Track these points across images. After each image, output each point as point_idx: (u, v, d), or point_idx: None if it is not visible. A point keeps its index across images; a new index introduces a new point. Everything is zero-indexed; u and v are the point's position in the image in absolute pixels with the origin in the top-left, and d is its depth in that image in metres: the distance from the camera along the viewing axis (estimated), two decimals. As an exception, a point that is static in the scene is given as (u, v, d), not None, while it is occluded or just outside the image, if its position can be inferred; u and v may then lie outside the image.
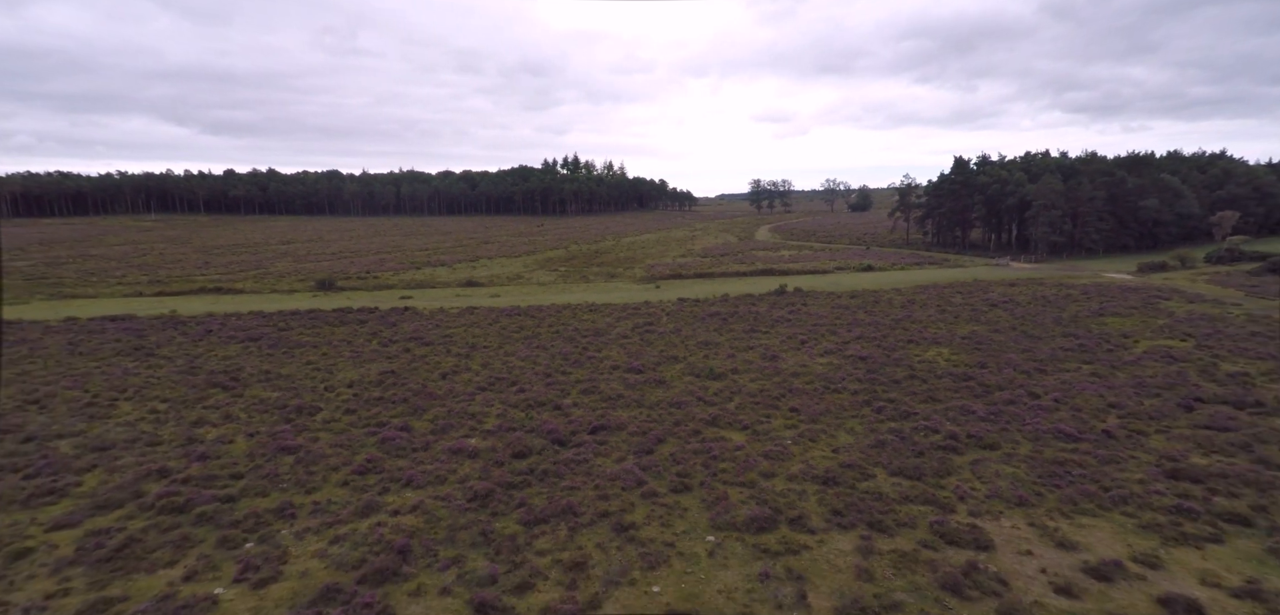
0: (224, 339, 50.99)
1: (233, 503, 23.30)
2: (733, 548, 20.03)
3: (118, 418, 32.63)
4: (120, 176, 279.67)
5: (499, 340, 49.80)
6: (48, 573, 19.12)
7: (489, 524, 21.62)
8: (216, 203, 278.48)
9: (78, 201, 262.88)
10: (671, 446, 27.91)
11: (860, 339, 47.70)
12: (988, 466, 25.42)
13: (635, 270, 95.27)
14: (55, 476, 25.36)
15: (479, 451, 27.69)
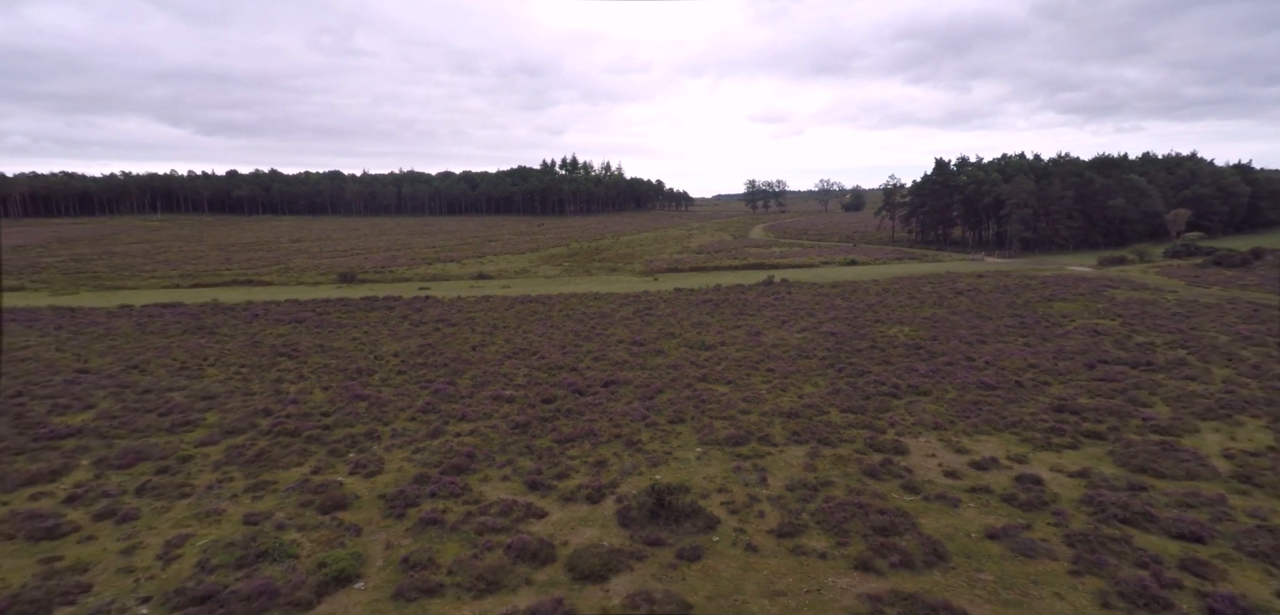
0: (272, 321, 57.84)
1: (329, 430, 30.26)
2: (715, 454, 27.09)
3: (210, 378, 39.55)
4: (125, 177, 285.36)
5: (516, 321, 56.79)
6: (211, 469, 26.09)
7: (530, 442, 28.64)
8: (220, 203, 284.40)
9: (84, 202, 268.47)
10: (669, 395, 34.96)
11: (834, 319, 54.89)
12: (918, 406, 32.59)
13: (635, 265, 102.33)
14: (183, 414, 32.30)
15: (514, 398, 34.71)
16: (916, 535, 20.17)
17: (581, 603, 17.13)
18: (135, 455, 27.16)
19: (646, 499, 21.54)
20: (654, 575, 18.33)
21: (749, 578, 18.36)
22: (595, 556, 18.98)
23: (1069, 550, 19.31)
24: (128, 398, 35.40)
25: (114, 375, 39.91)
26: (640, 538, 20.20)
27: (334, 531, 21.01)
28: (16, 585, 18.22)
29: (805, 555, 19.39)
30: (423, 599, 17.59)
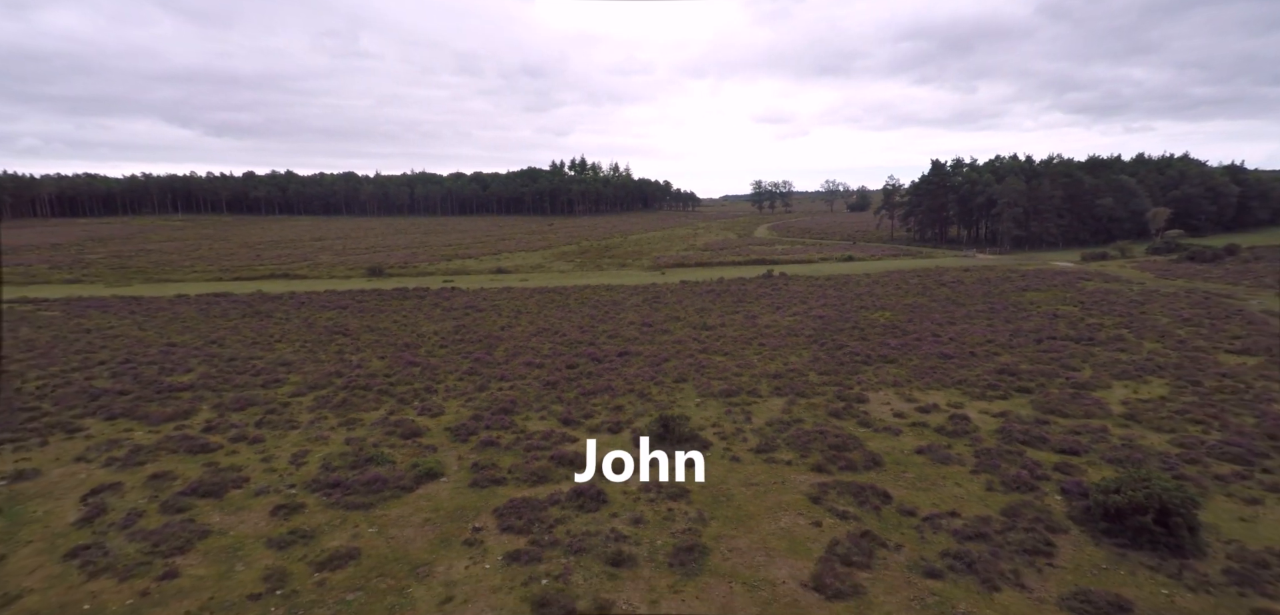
0: (318, 308, 64.86)
1: (393, 386, 37.02)
2: (711, 403, 33.57)
3: (281, 350, 46.48)
4: (146, 178, 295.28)
5: (537, 307, 63.49)
6: (307, 411, 32.90)
7: (559, 395, 35.24)
8: (238, 203, 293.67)
9: (107, 202, 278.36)
10: (673, 363, 41.48)
11: (823, 306, 61.20)
12: (883, 370, 38.96)
13: (643, 260, 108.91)
14: (270, 375, 39.19)
15: (542, 364, 41.36)
16: (862, 451, 26.60)
17: (609, 488, 23.66)
18: (244, 402, 34.05)
19: (655, 426, 28.10)
20: (658, 483, 24.82)
21: (732, 475, 24.87)
22: (616, 458, 25.51)
23: (974, 460, 25.69)
24: (217, 364, 42.36)
25: (198, 348, 46.94)
26: (649, 438, 26.70)
27: (416, 449, 27.70)
28: (194, 477, 25.02)
29: (775, 462, 25.88)
30: (492, 486, 24.22)
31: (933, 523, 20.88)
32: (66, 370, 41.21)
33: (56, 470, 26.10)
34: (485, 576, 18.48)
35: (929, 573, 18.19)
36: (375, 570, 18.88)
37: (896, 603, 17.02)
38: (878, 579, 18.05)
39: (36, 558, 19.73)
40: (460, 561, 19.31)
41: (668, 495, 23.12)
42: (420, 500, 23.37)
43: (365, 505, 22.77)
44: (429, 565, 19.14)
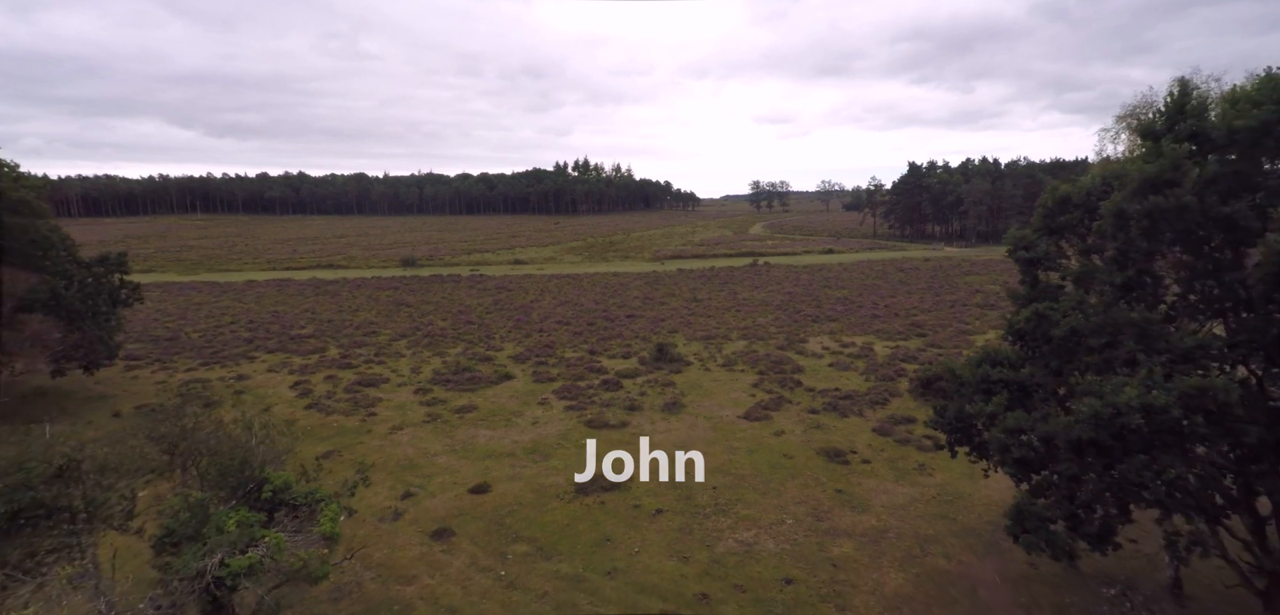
0: (374, 289, 78.60)
1: (461, 335, 50.72)
2: (694, 343, 47.23)
3: (364, 316, 60.22)
4: (164, 179, 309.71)
5: (556, 288, 77.21)
6: (405, 349, 46.61)
7: (585, 338, 48.91)
8: (253, 203, 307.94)
9: (128, 202, 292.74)
10: (669, 322, 55.15)
11: (794, 286, 74.89)
12: (824, 325, 52.61)
13: (645, 253, 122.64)
14: (363, 332, 52.89)
15: (568, 322, 55.08)
16: (792, 366, 40.26)
17: (624, 384, 37.32)
18: (357, 343, 47.82)
19: (653, 350, 41.84)
20: (657, 377, 38.50)
21: (703, 377, 38.54)
22: (629, 373, 39.24)
23: (865, 367, 39.34)
24: (321, 324, 56.12)
25: (299, 315, 60.75)
26: (650, 364, 40.47)
27: (491, 366, 41.42)
28: (353, 378, 38.71)
29: (733, 372, 39.54)
30: (547, 382, 37.92)
31: (822, 393, 34.56)
32: (211, 329, 55.07)
33: (258, 375, 39.91)
34: (553, 417, 32.19)
35: (810, 411, 31.91)
36: (489, 415, 32.60)
37: (787, 421, 30.69)
38: (781, 415, 31.72)
39: (284, 408, 33.50)
40: (537, 410, 33.05)
41: (662, 384, 36.87)
42: (502, 389, 37.11)
43: (470, 389, 36.56)
44: (519, 413, 32.86)
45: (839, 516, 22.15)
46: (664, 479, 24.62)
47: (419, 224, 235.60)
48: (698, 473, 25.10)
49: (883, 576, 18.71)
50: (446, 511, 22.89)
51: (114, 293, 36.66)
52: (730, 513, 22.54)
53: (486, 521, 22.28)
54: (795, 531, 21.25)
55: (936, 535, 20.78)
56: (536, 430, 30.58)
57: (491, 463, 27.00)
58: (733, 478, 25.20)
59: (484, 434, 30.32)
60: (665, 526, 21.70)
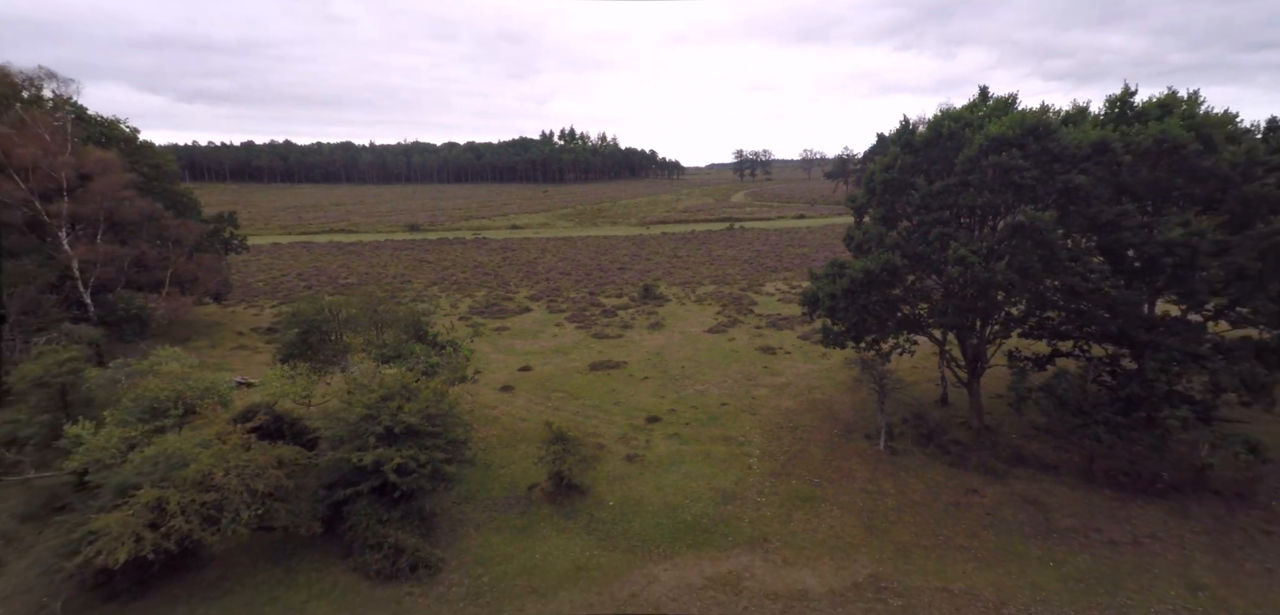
0: (390, 250, 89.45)
1: (481, 283, 62.42)
2: (674, 287, 59.47)
3: (393, 269, 71.43)
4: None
5: (555, 248, 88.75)
6: (440, 293, 58.27)
7: (584, 284, 60.90)
8: (241, 172, 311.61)
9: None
10: (654, 273, 67.26)
11: (763, 246, 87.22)
12: (780, 274, 65.11)
13: (631, 219, 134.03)
14: (400, 279, 64.29)
15: (570, 273, 66.96)
16: (748, 302, 52.68)
17: (619, 313, 49.47)
18: (397, 288, 59.32)
19: (641, 291, 54.04)
20: (644, 308, 50.68)
21: (680, 309, 50.85)
22: (622, 306, 51.41)
23: (803, 301, 51.93)
24: (359, 275, 67.30)
25: (336, 271, 71.79)
26: (638, 301, 52.67)
27: (514, 302, 53.26)
28: (407, 311, 50.46)
29: (703, 305, 51.88)
30: (559, 312, 49.94)
31: (768, 317, 47.05)
32: (271, 280, 66.03)
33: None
34: (568, 333, 44.31)
35: (756, 328, 44.41)
36: (520, 333, 44.63)
37: (739, 333, 43.13)
38: (735, 330, 44.15)
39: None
40: (554, 329, 45.16)
41: (648, 313, 49.13)
42: (525, 317, 49.11)
43: (501, 317, 48.51)
44: (541, 331, 44.94)
45: (762, 379, 34.68)
46: (648, 365, 37.03)
47: (410, 193, 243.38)
48: (671, 361, 37.54)
49: (781, 402, 31.29)
50: (505, 379, 35.05)
51: (227, 242, 47.66)
52: (692, 379, 34.97)
53: (532, 384, 34.50)
54: (732, 386, 33.75)
55: (819, 385, 33.40)
56: (557, 340, 42.73)
57: (529, 356, 39.17)
58: (695, 363, 37.61)
59: (519, 343, 42.41)
60: (649, 385, 34.08)
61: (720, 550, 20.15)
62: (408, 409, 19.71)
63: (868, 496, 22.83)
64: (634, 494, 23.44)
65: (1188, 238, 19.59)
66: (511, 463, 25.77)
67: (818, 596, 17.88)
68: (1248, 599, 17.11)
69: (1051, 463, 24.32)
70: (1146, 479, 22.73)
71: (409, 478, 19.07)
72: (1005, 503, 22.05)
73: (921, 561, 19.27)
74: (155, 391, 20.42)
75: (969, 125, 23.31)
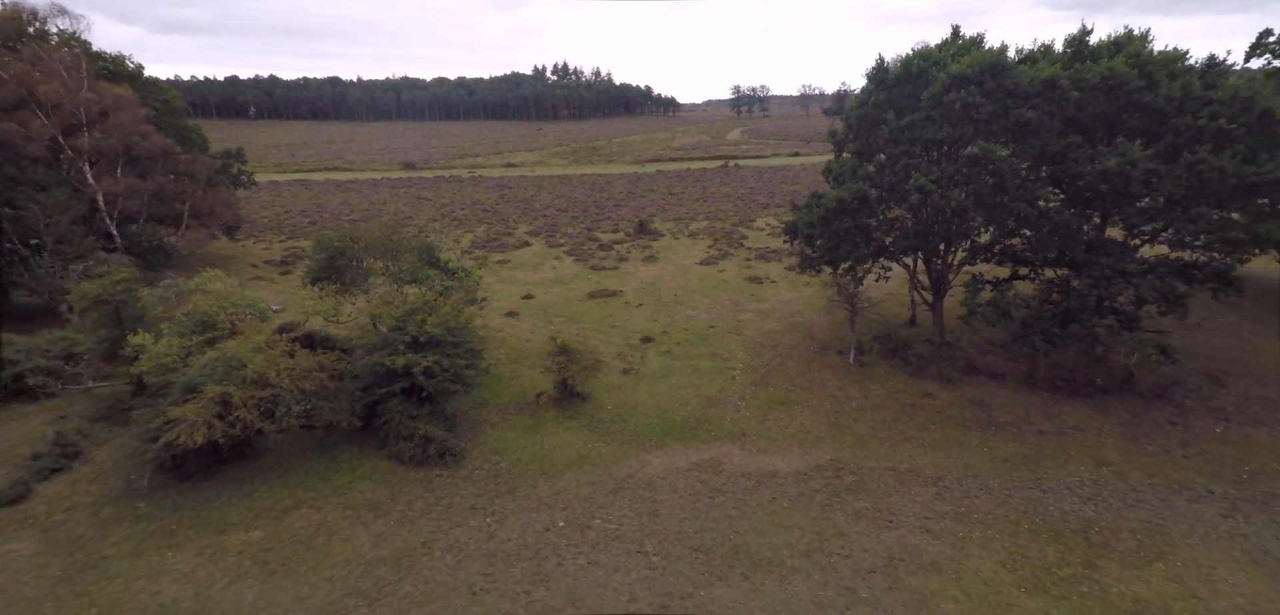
0: (389, 188, 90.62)
1: (481, 219, 64.42)
2: (668, 222, 61.70)
3: (393, 206, 73.12)
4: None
5: (551, 186, 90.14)
6: (442, 228, 60.40)
7: (581, 220, 63.01)
8: (226, 108, 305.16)
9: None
10: (649, 209, 69.26)
11: (757, 183, 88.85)
12: (771, 210, 67.26)
13: (626, 157, 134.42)
14: (403, 216, 66.21)
15: (566, 210, 68.88)
16: (739, 236, 55.09)
17: (615, 247, 51.89)
18: (400, 225, 61.30)
19: (636, 226, 56.30)
20: (639, 243, 53.08)
21: (673, 243, 53.30)
22: (618, 240, 53.75)
23: (791, 235, 54.41)
24: (360, 213, 69.05)
25: (338, 208, 73.40)
26: (633, 236, 55.03)
27: (513, 237, 55.54)
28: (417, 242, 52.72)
29: (695, 239, 54.32)
30: (558, 247, 52.35)
31: (757, 250, 49.61)
32: (275, 216, 67.77)
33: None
34: (567, 265, 46.84)
35: (745, 260, 47.03)
36: (521, 266, 47.12)
37: (729, 265, 45.80)
38: (725, 262, 46.78)
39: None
40: (554, 262, 47.67)
41: (642, 246, 51.60)
42: (525, 251, 51.51)
43: (502, 251, 50.91)
44: (541, 263, 47.46)
45: (748, 305, 37.57)
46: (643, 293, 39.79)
47: (402, 130, 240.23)
48: (664, 290, 40.31)
49: (764, 325, 34.28)
50: (510, 306, 37.82)
51: (236, 178, 49.36)
52: (683, 306, 37.82)
53: (536, 310, 37.31)
54: (721, 311, 36.65)
55: (801, 310, 36.34)
56: (556, 272, 45.33)
57: (531, 287, 41.85)
58: (686, 292, 40.40)
59: (520, 274, 45.01)
60: (643, 311, 36.95)
61: (704, 442, 23.40)
62: (431, 322, 22.47)
63: (835, 400, 26.04)
64: (630, 400, 26.57)
65: (1122, 167, 22.06)
66: (520, 376, 28.79)
67: (785, 475, 21.20)
68: (1143, 472, 20.51)
69: (1000, 372, 27.51)
70: (1081, 384, 25.96)
71: (434, 381, 22.01)
72: (954, 404, 25.30)
73: (876, 449, 22.58)
74: (205, 308, 23.05)
75: (936, 64, 25.30)
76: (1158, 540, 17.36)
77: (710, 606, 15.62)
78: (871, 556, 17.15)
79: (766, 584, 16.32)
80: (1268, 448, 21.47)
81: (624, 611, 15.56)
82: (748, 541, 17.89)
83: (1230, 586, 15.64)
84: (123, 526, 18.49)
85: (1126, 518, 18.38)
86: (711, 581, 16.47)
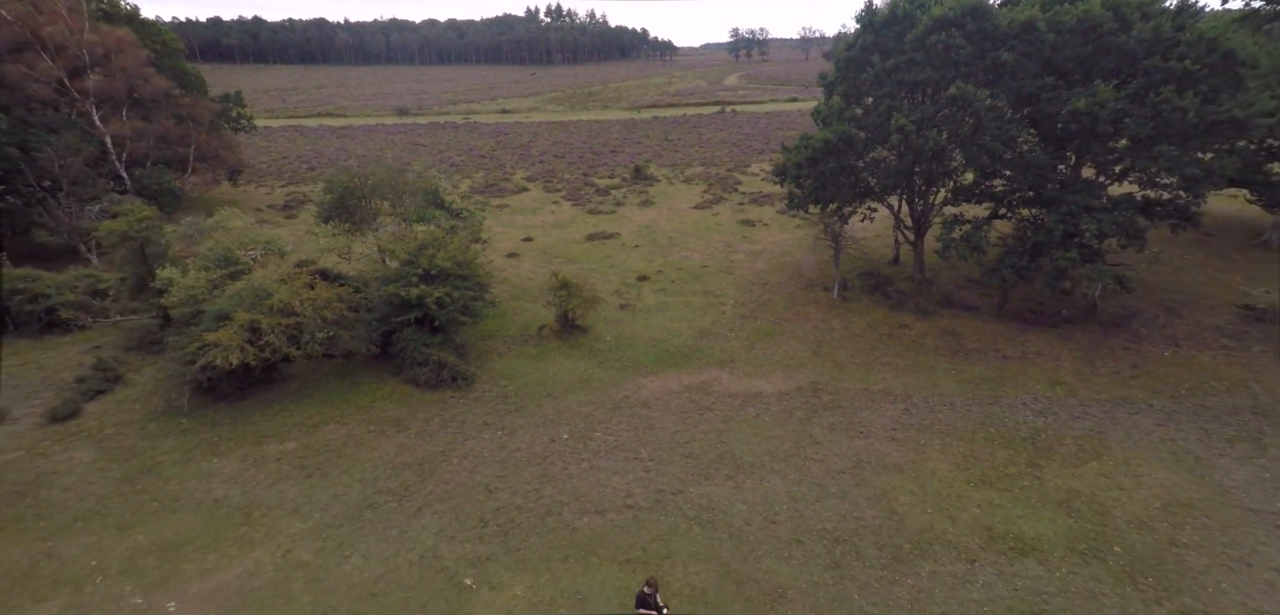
0: (385, 134, 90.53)
1: (479, 165, 65.15)
2: (664, 168, 62.62)
3: (388, 152, 73.55)
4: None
5: (547, 132, 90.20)
6: (441, 173, 61.27)
7: (577, 166, 63.82)
8: (210, 51, 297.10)
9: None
10: (645, 155, 69.95)
11: (753, 129, 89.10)
12: (765, 155, 68.10)
13: (622, 103, 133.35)
14: (402, 161, 66.89)
15: (563, 155, 69.55)
16: (734, 181, 56.21)
17: (612, 192, 53.04)
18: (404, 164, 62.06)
19: (632, 171, 57.29)
20: (636, 188, 54.20)
21: (669, 188, 54.45)
22: (614, 185, 54.83)
23: (784, 180, 55.60)
24: (358, 158, 69.53)
25: (335, 153, 73.78)
26: (630, 181, 56.09)
27: (511, 183, 56.53)
28: (411, 190, 53.73)
29: (690, 184, 55.45)
30: (556, 191, 53.47)
31: (750, 194, 50.89)
32: (272, 162, 68.26)
33: (339, 189, 54.56)
34: (564, 210, 48.13)
35: (739, 204, 48.37)
36: (520, 210, 48.38)
37: (722, 209, 47.17)
38: (719, 206, 48.12)
39: (375, 206, 48.78)
40: (552, 207, 48.93)
41: (639, 191, 52.79)
42: (523, 196, 52.65)
43: (500, 196, 52.06)
44: (540, 208, 48.72)
45: (740, 246, 39.21)
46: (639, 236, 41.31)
47: (392, 74, 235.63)
48: (660, 233, 41.81)
49: (755, 264, 36.00)
50: (511, 248, 39.36)
51: (235, 122, 49.92)
52: (678, 247, 39.43)
53: (535, 252, 38.89)
54: (714, 252, 38.29)
55: (791, 250, 38.02)
56: (554, 216, 46.68)
57: (530, 229, 43.29)
58: (681, 234, 41.93)
59: (520, 218, 46.35)
60: (639, 252, 38.56)
61: (695, 368, 25.42)
62: (441, 256, 24.10)
63: (818, 331, 28.01)
64: (627, 332, 28.48)
65: (1091, 108, 23.44)
66: (523, 312, 30.61)
67: (768, 395, 23.30)
68: (1092, 390, 22.67)
69: (974, 305, 29.46)
70: (1048, 316, 27.96)
71: (445, 311, 23.79)
72: (928, 334, 27.31)
73: (852, 373, 24.66)
74: (226, 243, 24.58)
75: (921, 6, 26.27)
76: (1096, 444, 19.59)
77: (698, 500, 17.84)
78: (842, 460, 19.35)
79: (748, 483, 18.52)
80: (1208, 368, 23.62)
81: (622, 503, 17.77)
82: (733, 449, 20.05)
83: (1152, 480, 17.91)
84: (169, 439, 20.53)
85: (1072, 426, 20.58)
86: (700, 481, 18.67)
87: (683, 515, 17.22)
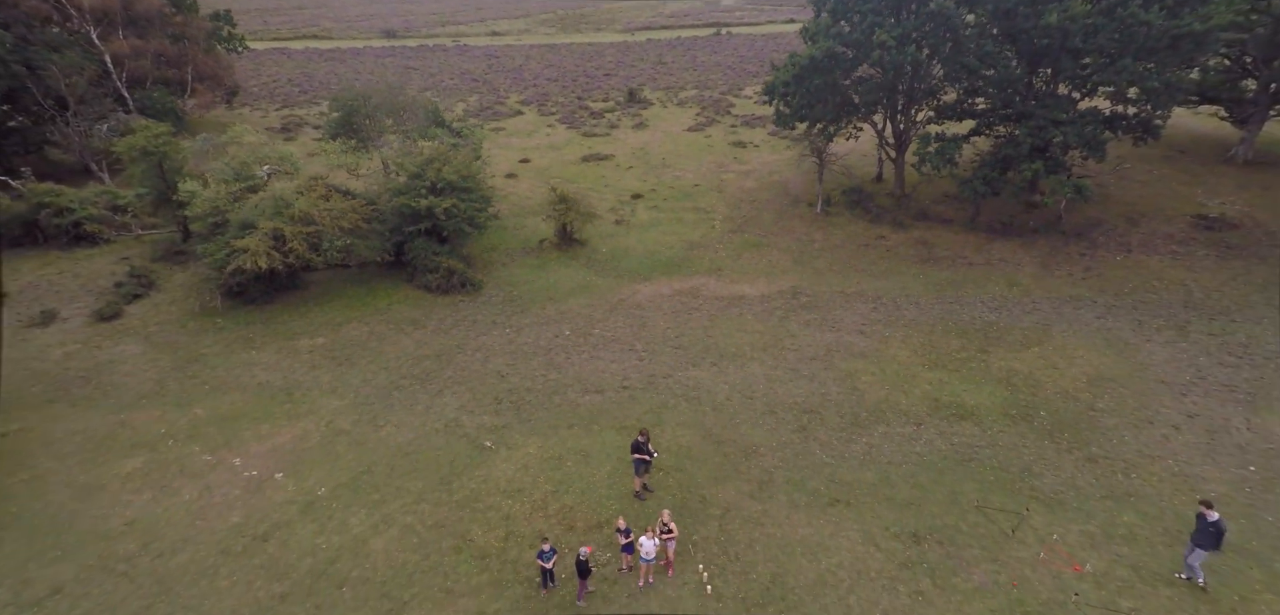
0: (374, 57, 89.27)
1: (474, 89, 65.20)
2: (658, 91, 62.96)
3: (380, 75, 73.09)
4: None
5: (539, 55, 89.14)
6: (435, 95, 61.52)
7: (571, 90, 64.04)
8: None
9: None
10: (639, 78, 69.90)
11: (748, 51, 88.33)
12: (759, 78, 68.11)
13: (615, 25, 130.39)
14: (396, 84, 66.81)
15: (556, 80, 69.45)
16: (727, 104, 56.89)
17: (606, 115, 53.79)
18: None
19: (626, 94, 57.82)
20: (629, 111, 54.91)
21: (662, 112, 55.22)
22: (608, 109, 55.48)
23: (777, 103, 56.37)
24: (348, 80, 69.28)
25: (326, 77, 73.31)
26: (624, 104, 56.73)
27: (506, 107, 57.04)
28: (407, 113, 54.34)
29: (684, 107, 56.20)
30: (550, 115, 54.18)
31: (742, 117, 51.86)
32: (264, 85, 68.02)
33: (334, 113, 55.09)
34: (559, 133, 49.16)
35: (731, 126, 49.47)
36: (515, 133, 49.36)
37: (715, 131, 48.33)
38: (712, 128, 49.24)
39: (373, 129, 49.65)
40: (547, 130, 49.93)
41: (633, 114, 53.60)
42: (519, 120, 53.43)
43: (496, 120, 52.83)
44: (535, 131, 49.71)
45: (731, 166, 40.75)
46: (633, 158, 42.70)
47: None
48: (653, 154, 43.18)
49: (744, 183, 37.71)
50: (509, 168, 40.79)
51: (227, 41, 49.97)
52: (670, 168, 40.93)
53: (532, 172, 40.37)
54: (705, 172, 39.88)
55: (780, 170, 39.63)
56: (550, 138, 47.78)
57: (526, 151, 44.54)
58: (674, 155, 43.33)
59: (516, 141, 47.44)
60: (633, 172, 40.11)
61: (685, 276, 27.64)
62: (447, 170, 25.78)
63: (801, 242, 30.13)
64: (621, 245, 30.52)
65: (1062, 22, 24.81)
66: (523, 227, 32.50)
67: (752, 298, 25.63)
68: (1045, 290, 25.10)
69: (948, 218, 31.51)
70: (1016, 227, 30.09)
71: (453, 221, 25.69)
72: (903, 244, 29.48)
73: (830, 278, 26.95)
74: (242, 158, 26.12)
75: (907, -77, 27.07)
76: (1040, 334, 22.14)
77: (686, 382, 20.38)
78: (814, 349, 21.85)
79: (730, 368, 21.05)
80: (1153, 270, 26.02)
81: (619, 385, 20.30)
82: (717, 341, 22.51)
83: (1084, 361, 20.53)
84: (208, 335, 22.79)
85: (1021, 320, 23.09)
86: (687, 367, 21.18)
87: (672, 393, 19.78)
